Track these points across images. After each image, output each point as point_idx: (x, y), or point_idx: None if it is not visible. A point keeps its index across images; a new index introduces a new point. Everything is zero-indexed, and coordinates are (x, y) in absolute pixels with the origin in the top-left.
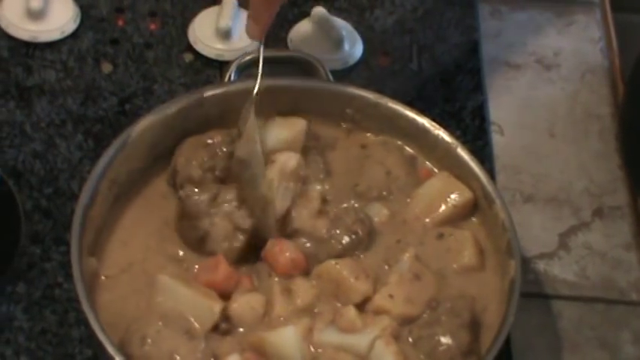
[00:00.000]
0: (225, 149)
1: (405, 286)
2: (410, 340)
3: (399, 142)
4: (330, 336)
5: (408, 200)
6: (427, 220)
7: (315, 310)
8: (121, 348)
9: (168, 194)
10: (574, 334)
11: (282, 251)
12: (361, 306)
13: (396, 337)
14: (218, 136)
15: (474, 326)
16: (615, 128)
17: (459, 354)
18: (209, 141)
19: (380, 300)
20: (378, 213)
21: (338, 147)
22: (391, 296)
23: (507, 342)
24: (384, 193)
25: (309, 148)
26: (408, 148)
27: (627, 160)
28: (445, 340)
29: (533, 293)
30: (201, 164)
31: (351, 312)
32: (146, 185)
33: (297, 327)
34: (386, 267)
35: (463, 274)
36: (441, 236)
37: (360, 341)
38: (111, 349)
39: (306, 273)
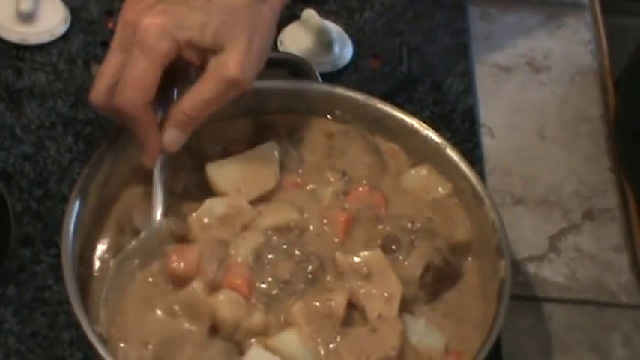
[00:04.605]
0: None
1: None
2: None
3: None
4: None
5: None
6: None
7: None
8: None
9: None
10: (564, 337)
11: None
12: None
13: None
14: None
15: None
16: (605, 130)
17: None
18: None
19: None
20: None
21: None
22: None
23: (498, 344)
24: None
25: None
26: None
27: (620, 160)
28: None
29: (523, 296)
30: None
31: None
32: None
33: (299, 330)
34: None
35: None
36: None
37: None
38: (102, 352)
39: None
